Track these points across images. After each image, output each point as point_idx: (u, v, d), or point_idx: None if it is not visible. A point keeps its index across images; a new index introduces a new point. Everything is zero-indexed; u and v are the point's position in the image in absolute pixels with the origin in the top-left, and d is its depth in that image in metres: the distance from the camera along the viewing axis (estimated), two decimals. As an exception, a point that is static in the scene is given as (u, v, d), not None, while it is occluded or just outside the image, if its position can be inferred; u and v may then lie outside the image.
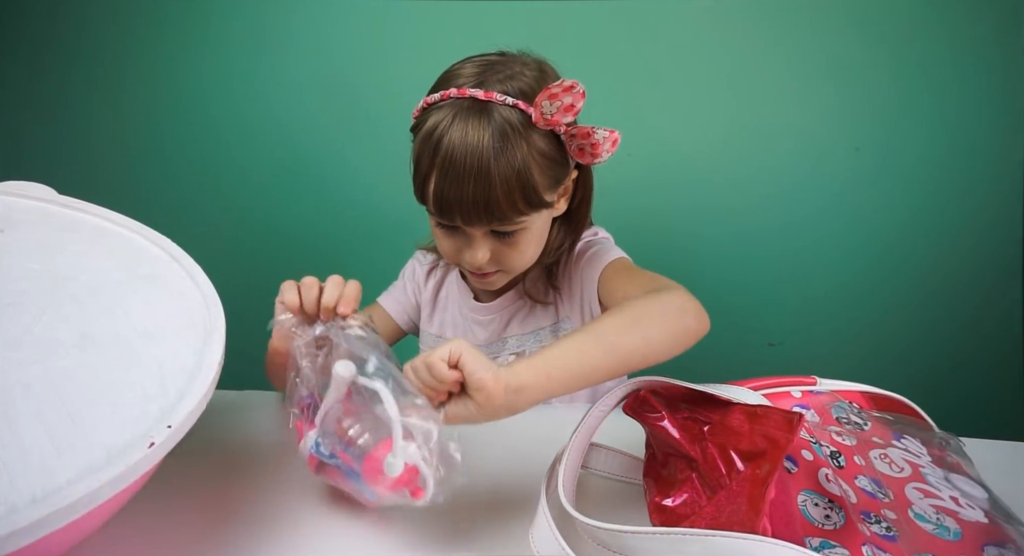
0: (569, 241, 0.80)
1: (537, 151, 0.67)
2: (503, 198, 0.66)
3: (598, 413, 0.53)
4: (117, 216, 0.59)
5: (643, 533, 0.40)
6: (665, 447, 0.50)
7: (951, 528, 0.41)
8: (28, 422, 0.38)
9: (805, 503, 0.43)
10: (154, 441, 0.39)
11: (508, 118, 0.66)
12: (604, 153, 0.69)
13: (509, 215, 0.67)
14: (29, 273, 0.49)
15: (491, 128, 0.65)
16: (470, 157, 0.64)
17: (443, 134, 0.66)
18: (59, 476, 0.36)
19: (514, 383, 0.47)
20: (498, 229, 0.70)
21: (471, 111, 0.66)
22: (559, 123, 0.67)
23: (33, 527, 0.33)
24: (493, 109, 0.66)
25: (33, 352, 0.42)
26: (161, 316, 0.49)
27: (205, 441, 0.60)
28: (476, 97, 0.66)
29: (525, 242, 0.72)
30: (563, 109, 0.65)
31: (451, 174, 0.65)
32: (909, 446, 0.49)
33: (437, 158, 0.66)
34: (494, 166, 0.64)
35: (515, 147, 0.65)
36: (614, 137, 0.68)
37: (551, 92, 0.64)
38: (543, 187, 0.69)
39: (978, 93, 1.10)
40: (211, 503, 0.54)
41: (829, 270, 1.22)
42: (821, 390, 0.53)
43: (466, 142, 0.65)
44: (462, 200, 0.66)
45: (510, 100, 0.66)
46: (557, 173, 0.70)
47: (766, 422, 0.43)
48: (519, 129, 0.66)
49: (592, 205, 0.80)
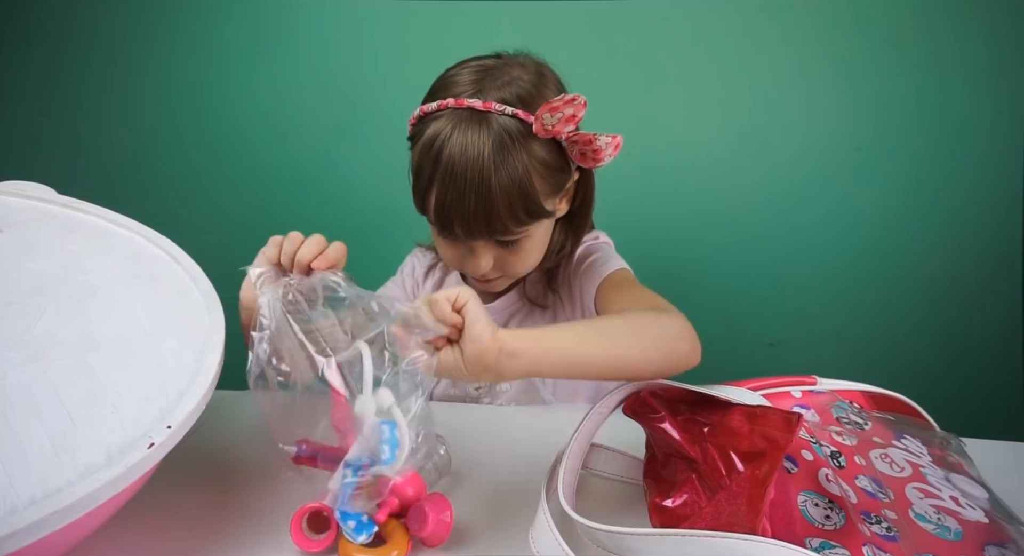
0: (570, 244, 0.80)
1: (538, 160, 0.66)
2: (504, 211, 0.65)
3: (598, 414, 0.53)
4: (117, 216, 0.59)
5: (642, 534, 0.40)
6: (665, 448, 0.50)
7: (952, 528, 0.41)
8: (28, 422, 0.38)
9: (805, 503, 0.43)
10: (154, 442, 0.40)
11: (507, 128, 0.65)
12: (606, 157, 0.69)
13: (510, 227, 0.67)
14: (29, 273, 0.49)
15: (491, 140, 0.64)
16: (471, 171, 0.64)
17: (442, 147, 0.65)
18: (59, 477, 0.36)
19: (509, 346, 0.47)
20: (500, 239, 0.69)
21: (470, 122, 0.65)
22: (560, 132, 0.66)
23: (33, 528, 0.33)
24: (492, 119, 0.65)
25: (33, 352, 0.42)
26: (161, 316, 0.49)
27: (205, 441, 0.60)
28: (474, 108, 0.65)
29: (528, 249, 0.72)
30: (564, 120, 0.65)
31: (452, 188, 0.65)
32: (909, 446, 0.49)
33: (437, 172, 0.65)
34: (495, 179, 0.64)
35: (515, 158, 0.65)
36: (616, 142, 0.68)
37: (552, 106, 0.63)
38: (544, 195, 0.68)
39: (980, 93, 1.10)
40: (211, 503, 0.54)
41: (829, 270, 1.22)
42: (821, 390, 0.53)
43: (466, 155, 0.64)
44: (464, 214, 0.65)
45: (509, 110, 0.65)
46: (558, 180, 0.70)
47: (765, 423, 0.43)
48: (519, 139, 0.65)
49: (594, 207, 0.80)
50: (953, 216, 1.16)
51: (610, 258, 0.79)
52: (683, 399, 0.50)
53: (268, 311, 0.48)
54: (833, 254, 1.21)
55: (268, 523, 0.51)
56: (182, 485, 0.55)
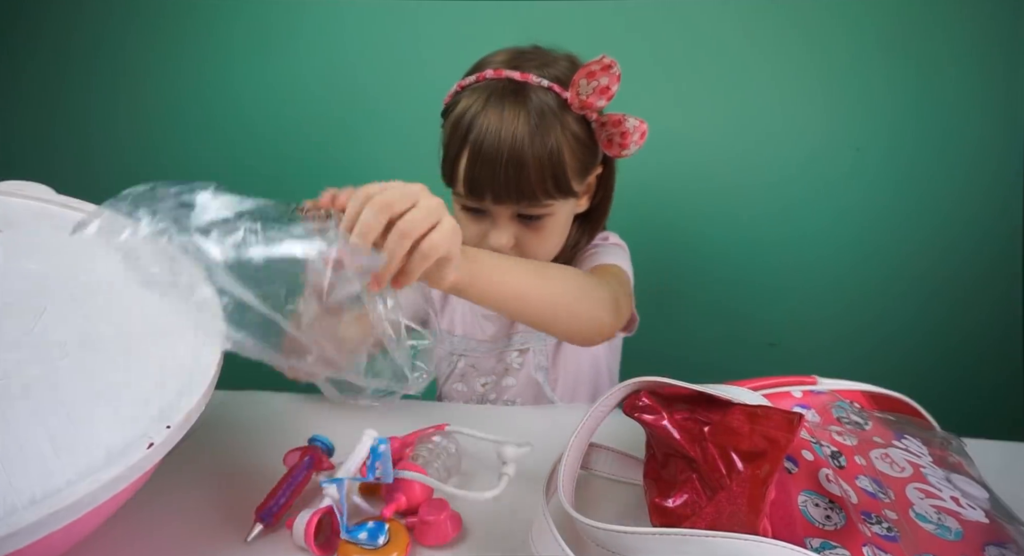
0: (584, 241, 0.81)
1: (571, 134, 0.68)
2: (536, 178, 0.66)
3: (598, 413, 0.52)
4: (117, 216, 0.59)
5: (642, 533, 0.40)
6: (665, 448, 0.50)
7: (952, 528, 0.41)
8: (27, 422, 0.38)
9: (806, 503, 0.43)
10: (153, 441, 0.39)
11: (544, 100, 0.66)
12: (632, 145, 0.70)
13: (539, 196, 0.67)
14: (28, 273, 0.49)
15: (527, 108, 0.66)
16: (504, 136, 0.65)
17: (477, 113, 0.66)
18: (58, 477, 0.36)
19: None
20: (525, 212, 0.69)
21: (507, 91, 0.67)
22: (593, 106, 0.67)
23: (32, 528, 0.33)
24: (529, 90, 0.67)
25: (32, 352, 0.42)
26: (160, 316, 0.49)
27: (205, 441, 0.60)
28: (512, 78, 0.67)
29: (549, 229, 0.72)
30: (599, 91, 0.66)
31: (485, 152, 0.66)
32: (910, 446, 0.48)
33: (471, 136, 0.66)
34: (528, 145, 0.65)
35: (550, 128, 0.66)
36: (643, 128, 0.69)
37: (589, 69, 0.65)
38: (573, 172, 0.69)
39: (979, 92, 1.10)
40: (211, 503, 0.53)
41: (829, 270, 1.22)
42: (822, 390, 0.53)
43: (502, 122, 0.65)
44: (494, 178, 0.66)
45: (545, 82, 0.67)
46: (587, 160, 0.71)
47: (766, 422, 0.43)
48: (555, 111, 0.67)
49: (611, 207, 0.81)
50: (954, 215, 1.16)
51: (611, 255, 0.80)
52: (683, 398, 0.50)
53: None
54: (833, 254, 1.21)
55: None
56: (182, 485, 0.55)
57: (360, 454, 0.52)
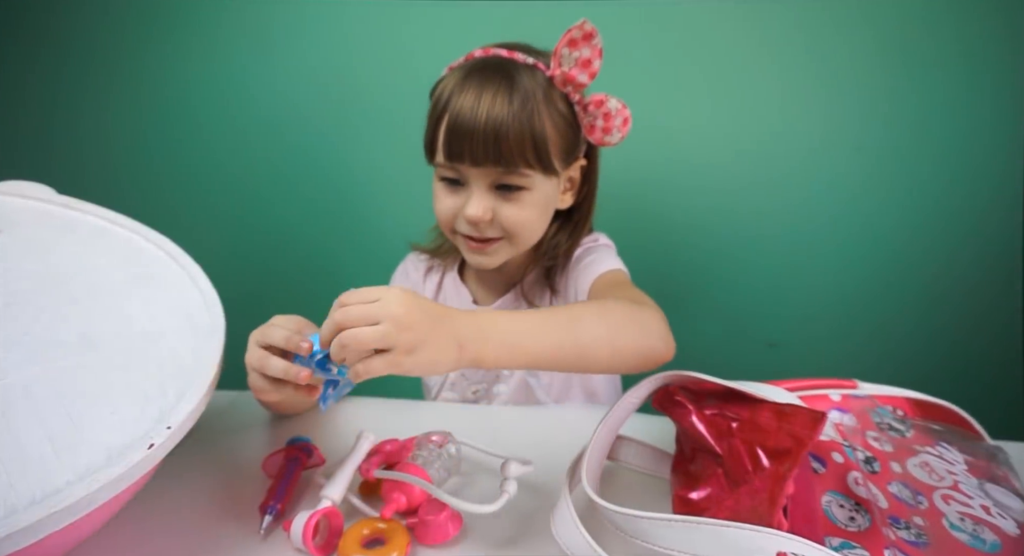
0: (569, 242, 0.80)
1: (555, 110, 0.69)
2: (514, 142, 0.67)
3: (626, 404, 0.52)
4: (116, 216, 0.59)
5: (656, 519, 0.40)
6: (693, 442, 0.50)
7: (988, 540, 0.41)
8: (27, 423, 0.38)
9: (830, 504, 0.42)
10: (153, 442, 0.39)
11: (529, 75, 0.69)
12: (615, 131, 0.71)
13: (517, 161, 0.68)
14: (28, 273, 0.49)
15: (511, 79, 0.68)
16: (485, 99, 0.66)
17: (460, 81, 0.68)
18: (58, 477, 0.36)
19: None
20: (503, 181, 0.69)
21: (491, 65, 0.69)
22: (575, 80, 0.69)
23: (32, 528, 0.33)
24: (514, 67, 0.69)
25: (33, 352, 0.42)
26: (160, 316, 0.49)
27: (205, 441, 0.60)
28: (499, 54, 0.70)
29: (527, 202, 0.71)
30: (580, 63, 0.67)
31: (464, 116, 0.67)
32: (945, 454, 0.48)
33: (452, 101, 0.68)
34: (509, 111, 0.66)
35: (532, 99, 0.67)
36: (626, 113, 0.70)
37: (571, 37, 0.67)
38: (555, 147, 0.70)
39: (982, 93, 1.10)
40: (211, 503, 0.53)
41: (830, 270, 1.22)
42: (861, 394, 0.53)
43: (483, 89, 0.67)
44: (473, 141, 0.67)
45: (531, 60, 0.69)
46: (570, 139, 0.72)
47: (793, 420, 0.43)
48: (539, 85, 0.69)
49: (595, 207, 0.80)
50: (956, 216, 1.16)
51: (606, 258, 0.79)
52: (713, 394, 0.50)
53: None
54: (834, 254, 1.21)
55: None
56: (182, 485, 0.55)
57: (362, 450, 0.53)
